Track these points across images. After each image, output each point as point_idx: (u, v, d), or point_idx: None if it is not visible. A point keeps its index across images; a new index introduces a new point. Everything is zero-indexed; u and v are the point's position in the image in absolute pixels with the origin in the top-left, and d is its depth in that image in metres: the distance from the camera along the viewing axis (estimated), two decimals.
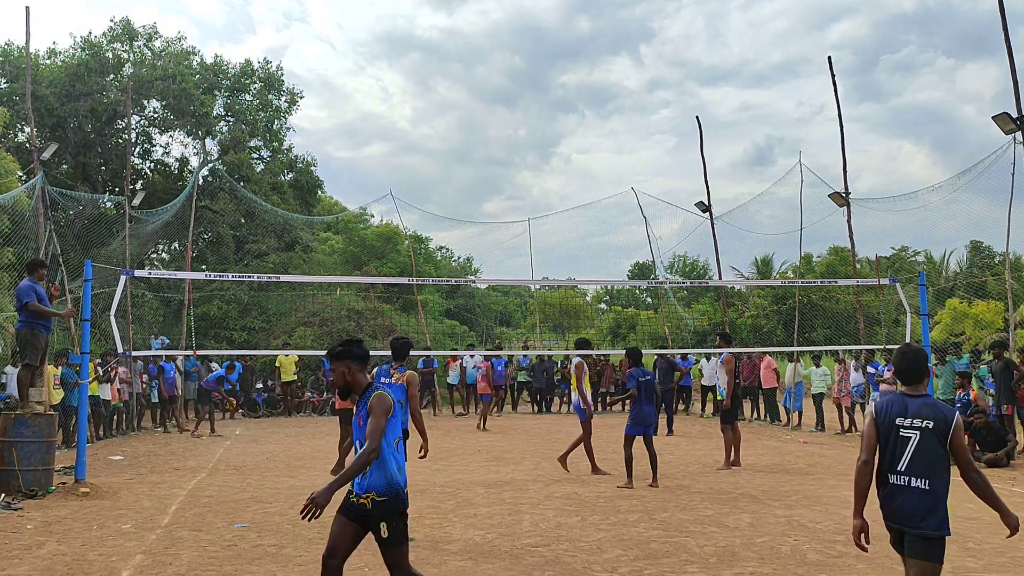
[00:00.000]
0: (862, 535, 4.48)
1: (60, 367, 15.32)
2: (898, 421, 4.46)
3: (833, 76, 20.47)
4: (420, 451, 8.26)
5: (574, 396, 12.48)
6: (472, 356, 23.31)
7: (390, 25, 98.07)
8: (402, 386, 8.38)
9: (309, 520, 4.49)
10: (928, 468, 4.41)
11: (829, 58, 20.70)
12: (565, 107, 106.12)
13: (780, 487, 10.77)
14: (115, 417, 18.26)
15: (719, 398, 13.42)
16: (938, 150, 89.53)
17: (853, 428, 17.80)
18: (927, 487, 4.41)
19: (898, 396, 4.57)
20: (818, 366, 18.82)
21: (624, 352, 12.00)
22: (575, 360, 12.53)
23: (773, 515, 8.88)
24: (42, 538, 7.99)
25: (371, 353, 4.90)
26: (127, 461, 14.08)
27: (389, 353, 8.84)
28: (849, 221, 19.93)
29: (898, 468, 4.43)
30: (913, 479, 4.42)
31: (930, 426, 4.41)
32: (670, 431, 18.04)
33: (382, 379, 8.48)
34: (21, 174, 21.02)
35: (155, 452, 15.50)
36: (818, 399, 18.78)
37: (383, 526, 4.75)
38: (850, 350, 20.23)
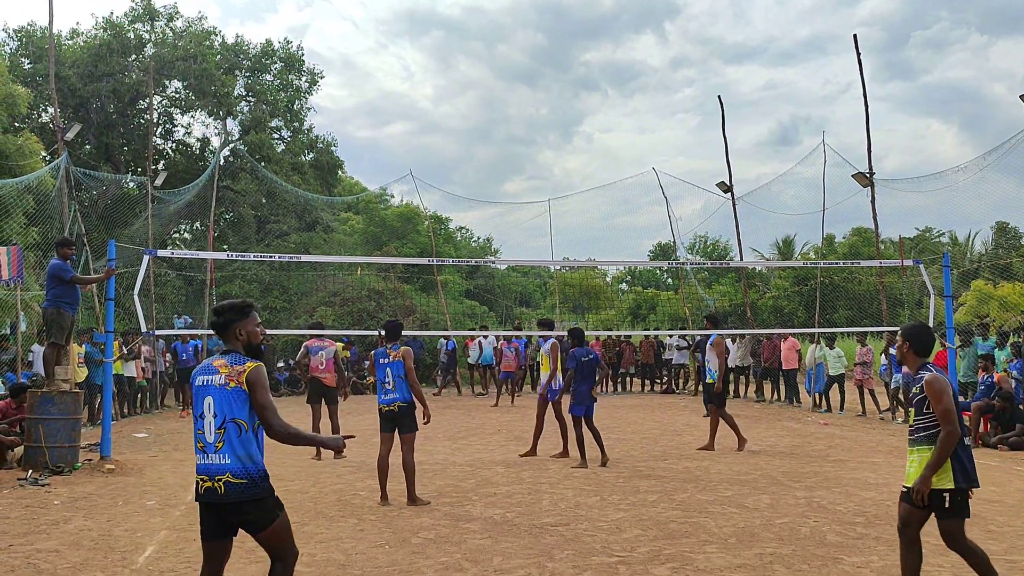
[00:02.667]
0: None
1: (84, 345, 15.51)
2: None
3: (859, 54, 20.18)
4: (424, 418, 8.70)
5: (544, 378, 12.30)
6: (486, 337, 23.44)
7: (412, 3, 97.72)
8: (400, 362, 8.64)
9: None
10: None
11: (855, 36, 20.39)
12: (588, 85, 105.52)
13: (800, 469, 10.75)
14: (139, 395, 18.48)
15: (710, 380, 13.22)
16: (967, 129, 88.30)
17: (878, 409, 17.71)
18: None
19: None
20: (832, 348, 18.59)
21: (568, 332, 11.90)
22: (551, 341, 12.42)
23: (793, 496, 8.86)
24: (69, 513, 8.12)
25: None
26: (151, 438, 14.26)
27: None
28: (873, 202, 19.72)
29: None
30: None
31: None
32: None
33: (380, 359, 8.78)
34: (45, 154, 21.25)
35: (178, 430, 15.67)
36: (835, 381, 18.59)
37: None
38: (872, 332, 20.07)
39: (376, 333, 9.76)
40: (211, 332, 16.99)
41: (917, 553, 5.01)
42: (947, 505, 4.86)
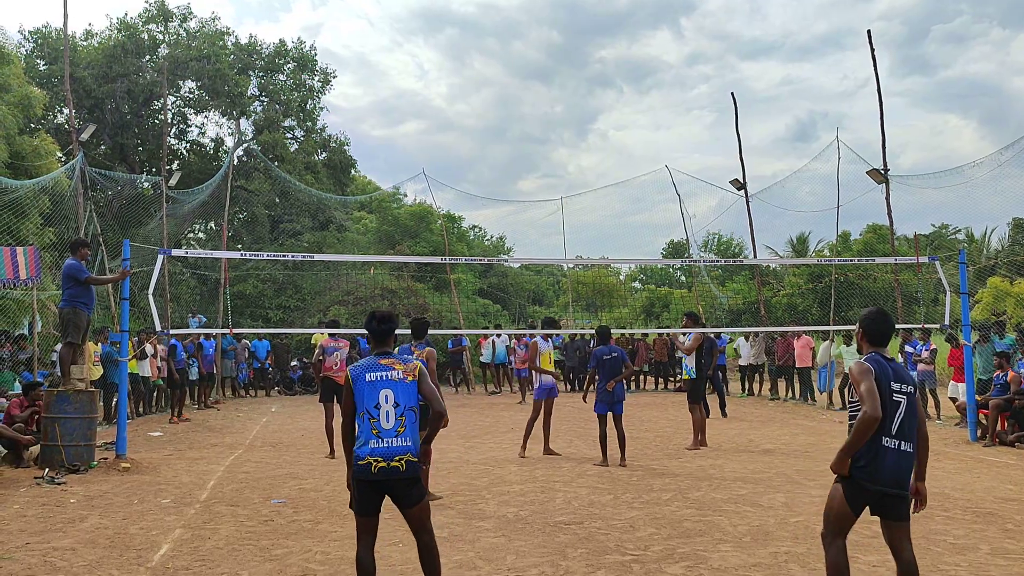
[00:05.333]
0: None
1: (100, 345, 15.60)
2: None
3: (872, 49, 20.06)
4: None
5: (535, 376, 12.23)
6: (500, 336, 23.50)
7: (427, 0, 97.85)
8: (423, 362, 8.63)
9: None
10: None
11: (868, 32, 20.28)
12: (603, 82, 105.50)
13: (815, 467, 10.68)
14: (154, 394, 18.51)
15: (686, 377, 13.11)
16: (987, 124, 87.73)
17: None
18: None
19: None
20: (848, 345, 18.46)
21: (595, 330, 11.82)
22: (532, 340, 12.43)
23: (808, 495, 8.81)
24: (85, 512, 8.17)
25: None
26: (166, 437, 14.33)
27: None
28: (888, 198, 19.59)
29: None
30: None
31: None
32: (724, 413, 17.21)
33: (404, 356, 8.74)
34: (61, 155, 21.36)
35: (193, 428, 15.75)
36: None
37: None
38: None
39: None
40: (224, 331, 16.92)
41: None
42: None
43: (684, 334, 13.71)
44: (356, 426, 5.10)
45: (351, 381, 5.12)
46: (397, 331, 5.68)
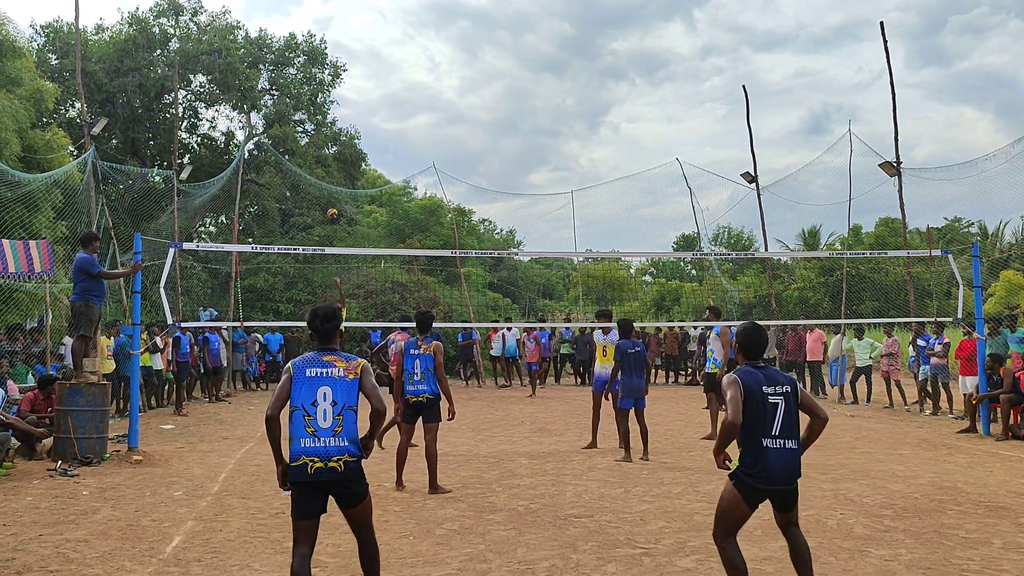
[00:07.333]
0: None
1: (112, 338, 15.67)
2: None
3: (885, 41, 19.90)
4: (448, 414, 8.75)
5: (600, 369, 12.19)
6: (510, 330, 23.53)
7: None
8: (431, 356, 8.67)
9: None
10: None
11: (881, 24, 20.12)
12: (615, 75, 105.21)
13: (826, 461, 10.65)
14: (166, 387, 18.57)
15: (714, 369, 13.03)
16: (1003, 116, 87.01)
17: (904, 401, 17.53)
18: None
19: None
20: (860, 339, 18.40)
21: (616, 323, 11.73)
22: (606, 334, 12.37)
23: (819, 489, 8.79)
24: (97, 504, 8.21)
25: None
26: (178, 430, 14.39)
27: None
28: (900, 191, 19.47)
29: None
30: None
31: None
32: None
33: (411, 350, 8.86)
34: (72, 149, 21.43)
35: (205, 421, 15.81)
36: (862, 372, 18.39)
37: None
38: (899, 323, 19.85)
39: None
40: (235, 325, 16.99)
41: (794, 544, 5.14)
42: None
43: (709, 328, 13.76)
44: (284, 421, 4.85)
45: (291, 373, 4.90)
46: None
